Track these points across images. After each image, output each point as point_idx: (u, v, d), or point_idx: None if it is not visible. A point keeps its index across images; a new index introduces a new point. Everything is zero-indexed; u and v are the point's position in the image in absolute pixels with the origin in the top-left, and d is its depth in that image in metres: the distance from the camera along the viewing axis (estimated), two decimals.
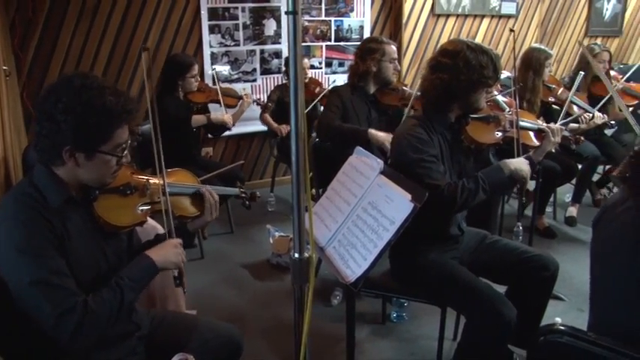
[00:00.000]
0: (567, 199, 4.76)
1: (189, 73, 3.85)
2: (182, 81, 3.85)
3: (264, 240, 4.00)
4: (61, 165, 1.56)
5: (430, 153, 2.19)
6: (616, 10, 7.18)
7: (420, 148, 2.18)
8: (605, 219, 1.63)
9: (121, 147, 1.61)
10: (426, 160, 2.16)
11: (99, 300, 1.51)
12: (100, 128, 1.54)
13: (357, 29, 5.53)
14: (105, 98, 1.53)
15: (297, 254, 1.22)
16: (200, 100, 4.00)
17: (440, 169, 2.19)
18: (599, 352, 1.45)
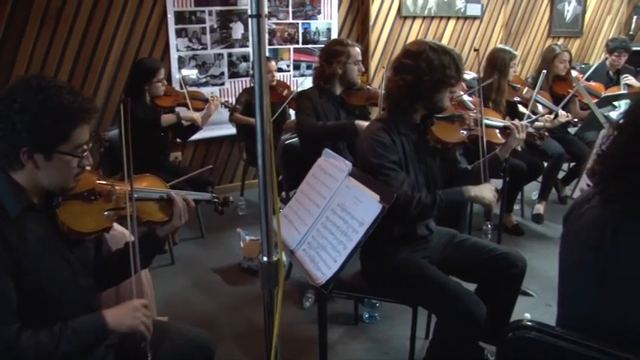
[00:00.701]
0: (534, 197, 4.85)
1: (156, 78, 3.82)
2: (149, 86, 3.82)
3: (235, 244, 3.98)
4: (20, 169, 1.52)
5: (390, 159, 2.21)
6: (576, 12, 7.35)
7: (381, 153, 2.21)
8: (573, 216, 1.65)
9: (82, 148, 1.57)
10: (386, 167, 2.19)
11: (33, 340, 1.45)
12: (58, 128, 1.50)
13: (324, 32, 5.55)
14: (61, 97, 1.50)
15: (265, 257, 1.22)
16: (167, 104, 3.97)
17: (399, 176, 2.21)
18: (566, 345, 1.47)
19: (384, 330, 3.04)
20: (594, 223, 1.52)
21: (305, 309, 3.25)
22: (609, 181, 1.50)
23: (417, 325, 2.48)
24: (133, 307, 1.64)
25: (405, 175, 2.25)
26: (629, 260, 1.43)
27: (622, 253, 1.44)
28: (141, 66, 3.89)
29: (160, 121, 3.84)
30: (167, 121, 3.89)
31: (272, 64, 4.67)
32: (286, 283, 3.54)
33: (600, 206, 1.51)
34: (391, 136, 2.27)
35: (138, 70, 3.88)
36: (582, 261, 1.55)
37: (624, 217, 1.44)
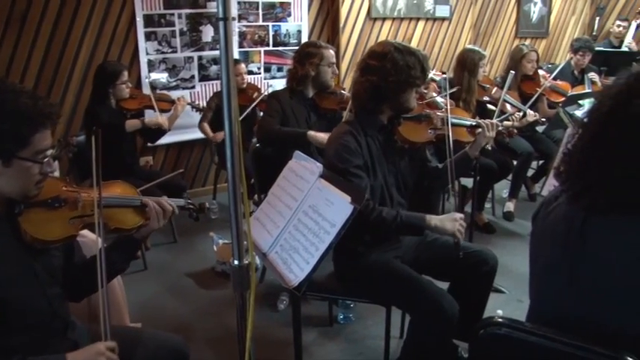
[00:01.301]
0: (504, 195, 4.91)
1: (120, 80, 3.77)
2: (113, 89, 3.78)
3: (208, 248, 3.95)
4: None
5: (355, 164, 2.22)
6: (542, 13, 7.48)
7: (347, 158, 2.22)
8: (541, 214, 1.68)
9: (43, 154, 1.54)
10: (350, 172, 2.20)
11: None
12: (16, 133, 1.47)
13: (295, 34, 5.55)
14: (19, 101, 1.47)
15: (236, 261, 1.21)
16: (133, 106, 3.93)
17: (362, 182, 2.22)
18: (536, 340, 1.49)
19: (359, 330, 3.05)
20: (562, 221, 1.54)
21: (279, 311, 3.24)
22: (575, 179, 1.53)
23: (392, 324, 2.51)
24: (97, 351, 1.56)
25: (367, 181, 2.26)
26: (595, 256, 1.45)
27: (589, 248, 1.46)
28: (103, 69, 3.85)
29: (125, 128, 3.80)
30: (132, 127, 3.84)
31: (242, 66, 4.65)
32: (260, 285, 3.53)
33: (567, 204, 1.54)
34: (357, 138, 2.27)
35: (101, 73, 3.84)
36: (551, 258, 1.58)
37: (590, 214, 1.47)
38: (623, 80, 1.49)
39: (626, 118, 1.42)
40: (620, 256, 1.41)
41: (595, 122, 1.51)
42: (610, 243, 1.44)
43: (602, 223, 1.45)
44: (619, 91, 1.47)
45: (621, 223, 1.43)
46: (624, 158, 1.42)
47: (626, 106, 1.43)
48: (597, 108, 1.52)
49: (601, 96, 1.54)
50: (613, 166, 1.43)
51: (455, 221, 2.23)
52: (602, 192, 1.44)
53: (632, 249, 1.40)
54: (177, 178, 3.83)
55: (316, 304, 3.23)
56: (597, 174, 1.46)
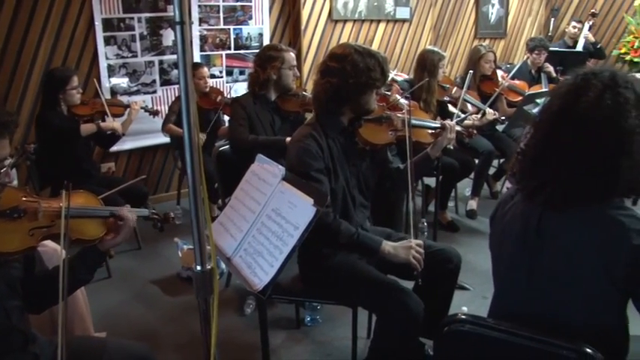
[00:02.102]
0: (467, 193, 4.99)
1: (69, 86, 3.71)
2: (63, 94, 3.71)
3: (172, 254, 3.91)
4: None
5: (315, 167, 2.23)
6: (500, 14, 7.63)
7: (307, 162, 2.22)
8: (499, 214, 1.71)
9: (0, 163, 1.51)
10: (310, 176, 2.20)
11: None
12: None
13: (256, 37, 5.54)
14: None
15: (199, 266, 1.21)
16: (85, 112, 3.87)
17: (322, 187, 2.21)
18: (498, 335, 1.52)
19: (326, 332, 3.06)
20: (518, 219, 1.58)
21: (246, 315, 3.23)
22: (529, 177, 1.57)
23: (359, 324, 2.51)
24: None
25: (328, 185, 2.26)
26: (552, 251, 1.50)
27: (546, 245, 1.51)
28: (52, 75, 3.78)
29: (79, 131, 3.74)
30: (87, 131, 3.78)
31: (204, 70, 4.61)
32: (226, 290, 3.52)
33: (523, 202, 1.58)
34: (319, 141, 2.28)
35: (50, 79, 3.77)
36: (511, 256, 1.61)
37: (545, 211, 1.51)
38: (572, 80, 1.53)
39: (575, 117, 1.47)
40: (576, 251, 1.46)
41: (546, 121, 1.55)
42: (565, 238, 1.48)
43: (558, 220, 1.50)
44: (568, 90, 1.52)
45: (575, 218, 1.47)
46: (575, 156, 1.47)
47: (575, 106, 1.47)
48: (548, 107, 1.57)
49: (551, 95, 1.60)
50: (565, 164, 1.48)
51: (409, 249, 2.19)
52: (555, 189, 1.49)
53: (587, 243, 1.44)
54: (139, 184, 3.78)
55: (283, 307, 3.23)
56: (550, 172, 1.51)
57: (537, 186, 1.53)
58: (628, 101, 1.45)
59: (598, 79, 1.48)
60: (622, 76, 1.49)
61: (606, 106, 1.44)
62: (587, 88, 1.48)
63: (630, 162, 1.44)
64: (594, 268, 1.44)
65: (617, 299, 1.48)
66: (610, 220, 1.44)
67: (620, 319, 1.53)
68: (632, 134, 1.44)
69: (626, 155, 1.44)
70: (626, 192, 1.51)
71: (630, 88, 1.47)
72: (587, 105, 1.46)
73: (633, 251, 1.40)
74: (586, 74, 1.51)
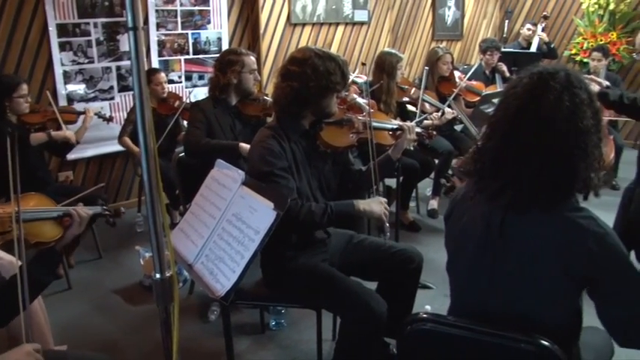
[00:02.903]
0: (428, 193, 5.06)
1: (17, 93, 3.61)
2: (9, 102, 3.61)
3: (134, 262, 3.85)
4: None
5: (279, 166, 2.23)
6: (456, 17, 7.77)
7: (271, 161, 2.23)
8: (455, 214, 1.73)
9: None
10: (275, 174, 2.21)
11: None
12: None
13: (215, 41, 5.50)
14: None
15: (158, 274, 1.19)
16: (35, 120, 3.78)
17: (289, 183, 2.24)
18: (459, 332, 1.54)
19: (292, 335, 3.06)
20: (479, 220, 1.60)
21: (211, 322, 3.20)
22: (490, 179, 1.58)
23: (324, 327, 2.52)
24: (26, 351, 1.54)
25: (294, 182, 2.27)
26: (514, 252, 1.52)
27: (508, 246, 1.53)
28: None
29: (29, 140, 3.65)
30: (37, 140, 3.69)
31: (162, 75, 4.56)
32: (190, 297, 3.48)
33: (485, 203, 1.59)
34: (281, 143, 2.29)
35: None
36: (472, 256, 1.62)
37: (508, 213, 1.53)
38: (528, 80, 1.55)
39: (535, 118, 1.49)
40: (537, 252, 1.49)
41: (504, 122, 1.56)
42: (527, 240, 1.51)
43: (520, 221, 1.52)
44: (525, 91, 1.53)
45: (537, 220, 1.50)
46: (536, 157, 1.48)
47: (535, 107, 1.49)
48: (503, 107, 1.58)
49: (507, 95, 1.60)
50: (526, 165, 1.50)
51: (381, 204, 2.35)
52: (517, 191, 1.50)
53: (548, 245, 1.47)
54: (98, 192, 3.71)
55: (248, 312, 3.22)
56: (511, 173, 1.52)
57: (499, 188, 1.54)
58: (583, 102, 1.49)
59: (556, 81, 1.50)
60: (575, 76, 1.53)
61: (565, 108, 1.47)
62: (546, 90, 1.49)
63: (587, 161, 1.48)
64: (554, 268, 1.47)
65: (575, 295, 1.53)
66: (570, 222, 1.47)
67: (576, 313, 1.58)
68: (589, 133, 1.48)
69: (583, 154, 1.48)
70: (580, 189, 1.54)
71: (583, 88, 1.51)
72: (548, 106, 1.48)
73: (591, 253, 1.44)
74: (542, 74, 1.53)
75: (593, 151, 1.49)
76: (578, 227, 1.46)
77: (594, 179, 1.51)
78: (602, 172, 1.54)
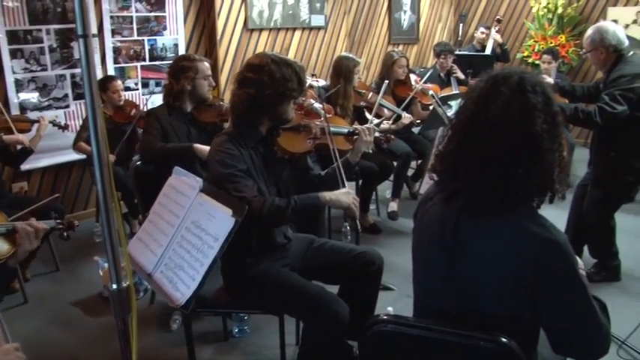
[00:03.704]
0: (388, 195, 5.10)
1: None
2: None
3: (93, 273, 3.77)
4: None
5: (239, 168, 2.23)
6: (412, 20, 7.89)
7: (230, 163, 2.22)
8: (419, 213, 1.75)
9: None
10: (235, 175, 2.20)
11: None
12: None
13: (171, 48, 5.45)
14: None
15: (114, 285, 1.18)
16: None
17: (248, 182, 2.23)
18: (419, 333, 1.56)
19: (255, 342, 3.05)
20: (436, 221, 1.62)
21: (173, 331, 3.16)
22: (447, 181, 1.60)
23: (287, 332, 2.52)
24: (5, 350, 1.55)
25: (253, 181, 2.27)
26: (468, 254, 1.54)
27: (462, 247, 1.55)
28: None
29: None
30: None
31: (118, 83, 4.49)
32: (152, 306, 3.44)
33: (441, 204, 1.61)
34: (238, 148, 2.29)
35: None
36: (429, 255, 1.65)
37: (463, 215, 1.55)
38: (483, 84, 1.56)
39: (484, 123, 1.50)
40: (490, 256, 1.50)
41: (460, 126, 1.58)
42: (480, 243, 1.52)
43: (473, 224, 1.53)
44: (479, 95, 1.54)
45: (490, 225, 1.51)
46: (487, 161, 1.49)
47: (484, 112, 1.50)
48: (462, 111, 1.60)
49: (465, 99, 1.61)
50: (478, 169, 1.51)
51: (349, 194, 2.38)
52: (472, 194, 1.52)
53: (499, 250, 1.48)
54: (53, 202, 3.63)
55: (210, 320, 3.20)
56: (466, 177, 1.54)
57: (455, 190, 1.56)
58: (536, 106, 1.47)
59: (507, 85, 1.50)
60: (530, 80, 1.52)
61: (514, 112, 1.47)
62: (496, 94, 1.49)
63: (540, 166, 1.48)
64: (505, 271, 1.48)
65: (527, 295, 1.53)
66: (521, 228, 1.47)
67: (533, 311, 1.57)
68: (541, 138, 1.47)
69: (535, 159, 1.47)
70: (540, 194, 1.54)
71: (539, 92, 1.50)
72: (496, 111, 1.48)
73: (538, 261, 1.45)
74: (496, 78, 1.53)
75: (546, 156, 1.48)
76: (528, 234, 1.46)
77: (556, 183, 1.52)
78: (565, 175, 1.54)
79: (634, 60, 3.30)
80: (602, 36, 3.30)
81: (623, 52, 3.30)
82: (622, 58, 3.30)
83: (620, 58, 3.30)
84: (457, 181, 1.57)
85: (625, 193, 3.50)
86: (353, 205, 2.37)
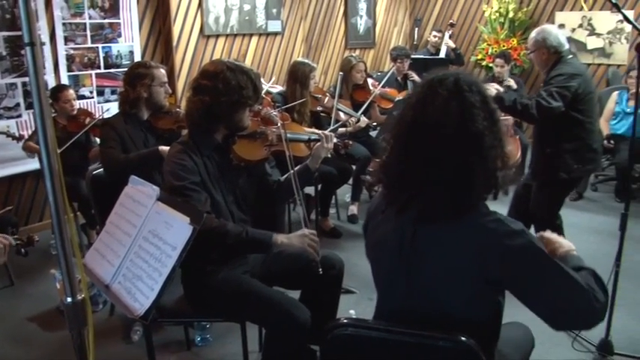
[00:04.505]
0: (347, 199, 5.14)
1: None
2: None
3: (50, 287, 3.68)
4: None
5: (192, 180, 2.22)
6: (368, 25, 7.98)
7: (183, 175, 2.21)
8: (371, 226, 1.75)
9: None
10: (187, 188, 2.19)
11: None
12: None
13: (127, 55, 5.38)
14: None
15: (69, 298, 1.16)
16: None
17: (201, 197, 2.22)
18: (379, 335, 1.57)
19: (218, 350, 3.03)
20: (392, 233, 1.61)
21: (134, 343, 3.12)
22: (397, 192, 1.60)
23: (250, 339, 2.52)
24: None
25: (207, 195, 2.26)
26: (430, 262, 1.55)
27: (423, 256, 1.55)
28: None
29: None
30: None
31: (70, 92, 4.37)
32: (112, 318, 3.39)
33: (395, 217, 1.60)
34: (193, 158, 2.27)
35: None
36: (390, 266, 1.64)
37: (418, 225, 1.55)
38: (420, 89, 1.57)
39: (425, 127, 1.51)
40: (452, 260, 1.51)
41: (401, 133, 1.58)
42: (441, 249, 1.53)
43: (432, 232, 1.54)
44: (417, 100, 1.55)
45: (448, 229, 1.51)
46: (434, 166, 1.50)
47: (424, 116, 1.51)
48: (402, 118, 1.59)
49: (405, 106, 1.61)
50: (426, 176, 1.51)
51: (304, 237, 2.28)
52: (424, 203, 1.52)
53: (461, 252, 1.50)
54: (6, 215, 3.54)
55: (172, 330, 3.16)
56: (415, 185, 1.53)
57: (407, 200, 1.56)
58: (474, 105, 1.49)
59: (443, 87, 1.51)
60: (465, 80, 1.53)
61: (453, 113, 1.48)
62: (434, 97, 1.50)
63: (485, 164, 1.50)
64: (470, 273, 1.50)
65: (493, 296, 1.56)
66: (479, 227, 1.49)
67: (494, 310, 1.61)
68: (482, 136, 1.48)
69: (479, 158, 1.49)
70: (486, 191, 1.55)
71: (475, 91, 1.51)
72: (435, 114, 1.49)
73: (504, 255, 1.47)
74: (432, 82, 1.54)
75: (490, 153, 1.50)
76: (487, 231, 1.48)
77: (500, 179, 1.53)
78: (508, 171, 1.56)
79: (572, 62, 3.46)
80: (544, 37, 3.44)
81: (563, 54, 3.44)
82: (562, 60, 3.43)
83: (560, 60, 3.44)
84: (406, 190, 1.56)
85: (562, 190, 3.63)
86: (309, 248, 2.27)
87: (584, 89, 3.35)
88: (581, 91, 3.33)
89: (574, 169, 3.43)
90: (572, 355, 2.91)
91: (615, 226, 2.80)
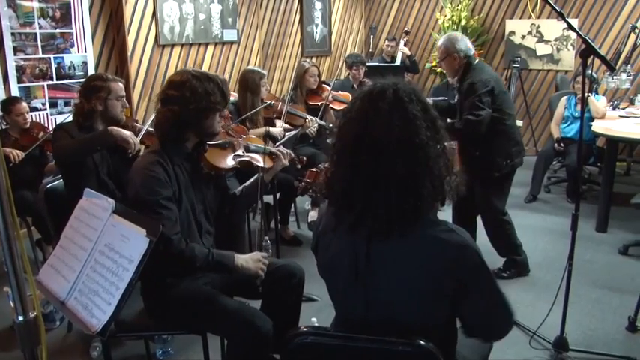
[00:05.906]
0: (307, 207, 5.15)
1: None
2: None
3: (4, 305, 3.56)
4: None
5: (164, 195, 2.22)
6: (324, 33, 8.04)
7: (156, 190, 2.21)
8: (321, 245, 1.73)
9: None
10: (160, 204, 2.19)
11: None
12: None
13: (80, 65, 5.27)
14: None
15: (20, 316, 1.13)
16: None
17: (172, 215, 2.22)
18: (339, 342, 1.58)
19: None
20: (345, 252, 1.60)
21: (94, 359, 3.05)
22: (345, 210, 1.57)
23: (212, 350, 2.49)
24: None
25: (177, 213, 2.26)
26: (386, 278, 1.56)
27: (378, 272, 1.56)
28: None
29: None
30: None
31: (23, 105, 4.25)
32: (70, 335, 3.31)
33: (347, 236, 1.59)
34: (165, 168, 2.27)
35: None
36: (346, 284, 1.64)
37: (371, 242, 1.55)
38: (359, 103, 1.55)
39: (370, 144, 1.49)
40: (407, 272, 1.53)
41: (345, 149, 1.55)
42: (395, 263, 1.54)
43: (385, 247, 1.54)
44: (358, 116, 1.53)
45: (401, 243, 1.52)
46: (381, 182, 1.49)
47: (368, 132, 1.49)
48: (344, 134, 1.57)
49: (344, 121, 1.58)
50: (375, 193, 1.50)
51: (258, 261, 2.37)
52: (374, 220, 1.51)
53: (415, 264, 1.51)
54: None
55: (132, 344, 3.11)
56: (364, 203, 1.51)
57: (356, 219, 1.54)
58: (416, 116, 1.49)
59: (384, 100, 1.50)
60: (404, 90, 1.52)
61: (397, 127, 1.47)
62: (376, 111, 1.49)
63: (431, 174, 1.50)
64: (425, 283, 1.52)
65: (449, 303, 1.57)
66: (431, 239, 1.50)
67: (450, 315, 1.63)
68: (427, 147, 1.48)
69: (425, 169, 1.49)
70: (434, 199, 1.54)
71: (415, 101, 1.51)
72: (380, 129, 1.48)
73: (454, 264, 1.49)
74: (371, 95, 1.53)
75: (436, 162, 1.50)
76: (439, 242, 1.49)
77: (446, 186, 1.54)
78: (453, 177, 1.57)
79: (479, 66, 3.61)
80: (453, 43, 3.56)
81: (471, 59, 3.58)
82: (470, 66, 3.58)
83: (469, 66, 3.58)
84: (355, 207, 1.54)
85: (500, 185, 3.76)
86: (260, 272, 2.36)
87: (498, 88, 3.52)
88: (497, 91, 3.49)
89: (504, 166, 3.62)
90: (529, 354, 2.98)
91: (567, 226, 2.88)
